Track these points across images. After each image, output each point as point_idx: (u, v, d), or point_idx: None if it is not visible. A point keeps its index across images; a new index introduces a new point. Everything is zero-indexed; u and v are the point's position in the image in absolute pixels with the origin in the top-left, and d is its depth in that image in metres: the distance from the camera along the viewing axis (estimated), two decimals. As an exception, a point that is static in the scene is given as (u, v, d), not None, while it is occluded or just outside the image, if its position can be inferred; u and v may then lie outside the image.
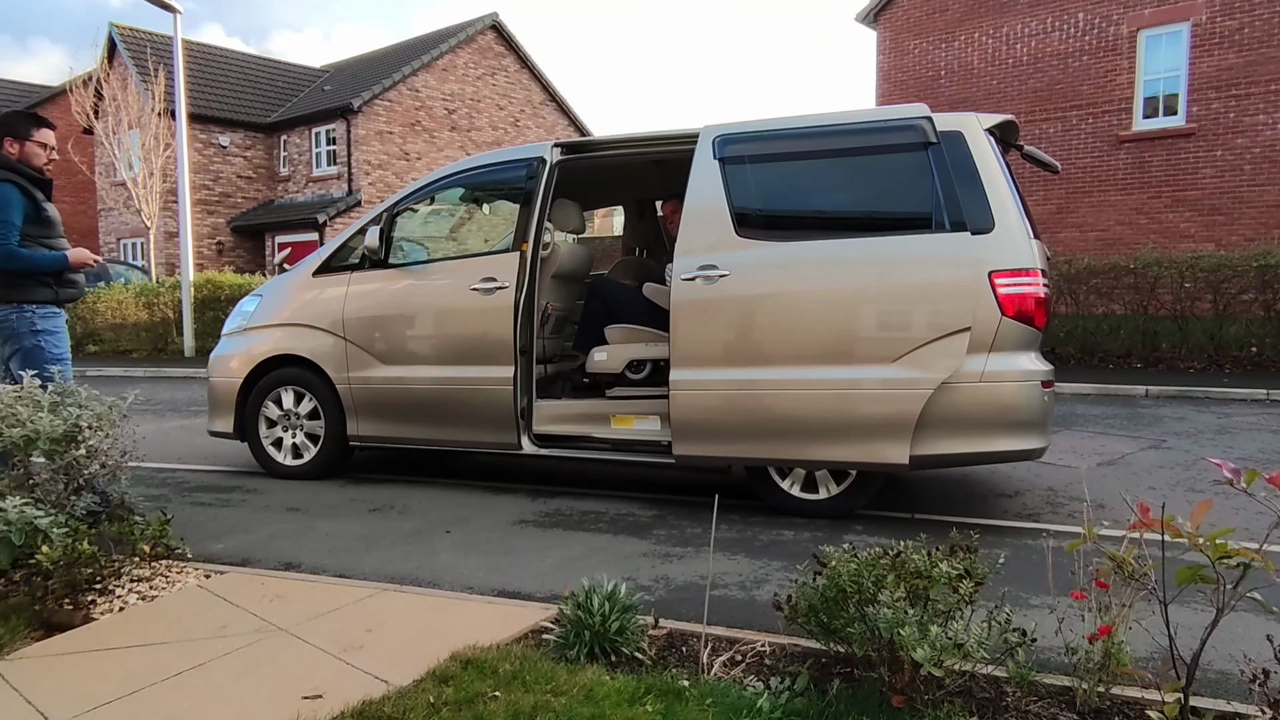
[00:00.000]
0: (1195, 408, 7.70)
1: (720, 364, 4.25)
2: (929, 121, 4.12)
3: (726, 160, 4.41)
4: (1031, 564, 3.38)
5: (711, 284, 4.26)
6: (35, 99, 27.52)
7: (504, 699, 2.24)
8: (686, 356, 4.31)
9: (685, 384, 4.31)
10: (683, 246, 4.38)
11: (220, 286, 14.66)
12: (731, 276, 4.23)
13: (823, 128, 4.37)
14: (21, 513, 2.92)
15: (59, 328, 4.15)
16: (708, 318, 4.28)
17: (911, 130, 4.15)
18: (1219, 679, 2.43)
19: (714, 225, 4.34)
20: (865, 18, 16.50)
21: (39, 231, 4.08)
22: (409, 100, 23.51)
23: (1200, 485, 4.83)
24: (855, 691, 2.25)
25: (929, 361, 3.95)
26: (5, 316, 4.01)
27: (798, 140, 4.40)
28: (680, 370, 4.32)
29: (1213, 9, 12.83)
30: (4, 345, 4.05)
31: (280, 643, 2.72)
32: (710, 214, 4.36)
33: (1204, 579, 1.94)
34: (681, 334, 4.32)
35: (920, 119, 4.16)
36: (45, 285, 4.08)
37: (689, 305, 4.30)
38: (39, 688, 2.43)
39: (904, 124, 4.19)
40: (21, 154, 4.10)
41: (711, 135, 4.49)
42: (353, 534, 4.11)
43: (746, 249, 4.26)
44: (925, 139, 4.11)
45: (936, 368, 3.94)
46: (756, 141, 4.42)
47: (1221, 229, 12.83)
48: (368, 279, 5.14)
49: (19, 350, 4.02)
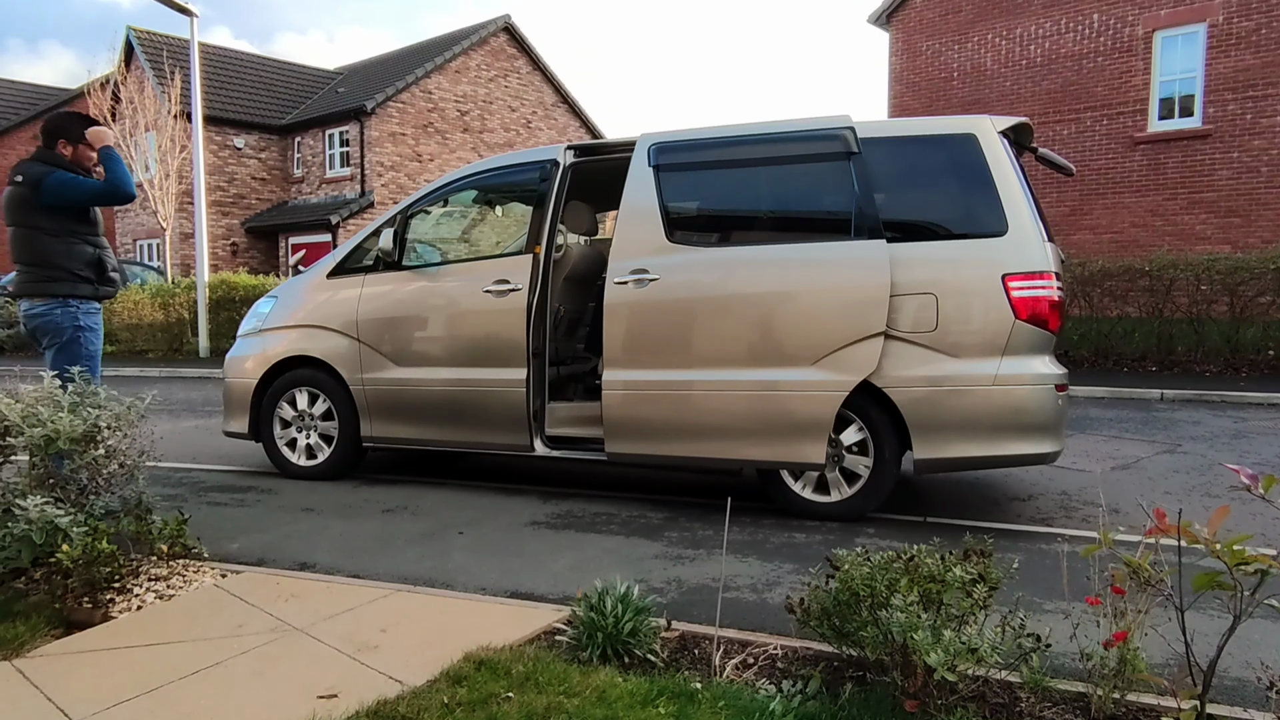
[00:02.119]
0: (1211, 412, 7.64)
1: (649, 365, 4.42)
2: (851, 132, 4.27)
3: (660, 168, 4.57)
4: (1045, 568, 3.37)
5: (642, 287, 4.40)
6: (52, 101, 27.82)
7: (517, 700, 2.25)
8: (617, 357, 4.48)
9: (616, 384, 4.48)
10: (616, 250, 4.54)
11: (235, 287, 14.76)
12: (661, 280, 4.37)
13: (749, 137, 4.51)
14: (42, 512, 2.96)
15: (98, 324, 4.25)
16: (638, 320, 4.44)
17: (835, 140, 4.29)
18: (1235, 686, 2.42)
19: (647, 230, 4.50)
20: (877, 19, 16.46)
21: (85, 229, 4.19)
22: (422, 102, 23.62)
23: (1216, 490, 4.79)
24: (868, 695, 2.24)
25: (847, 363, 4.09)
26: (49, 311, 4.08)
27: (725, 149, 4.56)
28: (611, 371, 4.49)
29: (1229, 10, 12.72)
30: (43, 339, 4.14)
31: (295, 642, 2.74)
32: (643, 219, 4.53)
33: (1221, 585, 1.93)
34: (612, 335, 4.49)
35: (843, 129, 4.30)
36: (87, 281, 4.16)
37: (620, 308, 4.47)
38: (59, 685, 2.46)
39: (828, 133, 4.33)
40: (74, 155, 4.18)
41: (647, 143, 4.65)
42: (366, 534, 4.13)
43: (676, 254, 4.42)
44: (848, 149, 4.24)
45: (853, 369, 4.07)
46: (687, 150, 4.60)
47: (1238, 231, 12.72)
48: (381, 281, 5.17)
49: (58, 344, 4.10)
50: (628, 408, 4.46)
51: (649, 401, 4.42)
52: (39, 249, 4.05)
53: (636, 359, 4.45)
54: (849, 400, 4.16)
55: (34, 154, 4.16)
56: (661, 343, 4.40)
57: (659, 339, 4.41)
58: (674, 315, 4.38)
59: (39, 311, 4.08)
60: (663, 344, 4.40)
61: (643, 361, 4.44)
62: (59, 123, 4.23)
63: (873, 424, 4.15)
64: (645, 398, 4.43)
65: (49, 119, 4.28)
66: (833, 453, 4.24)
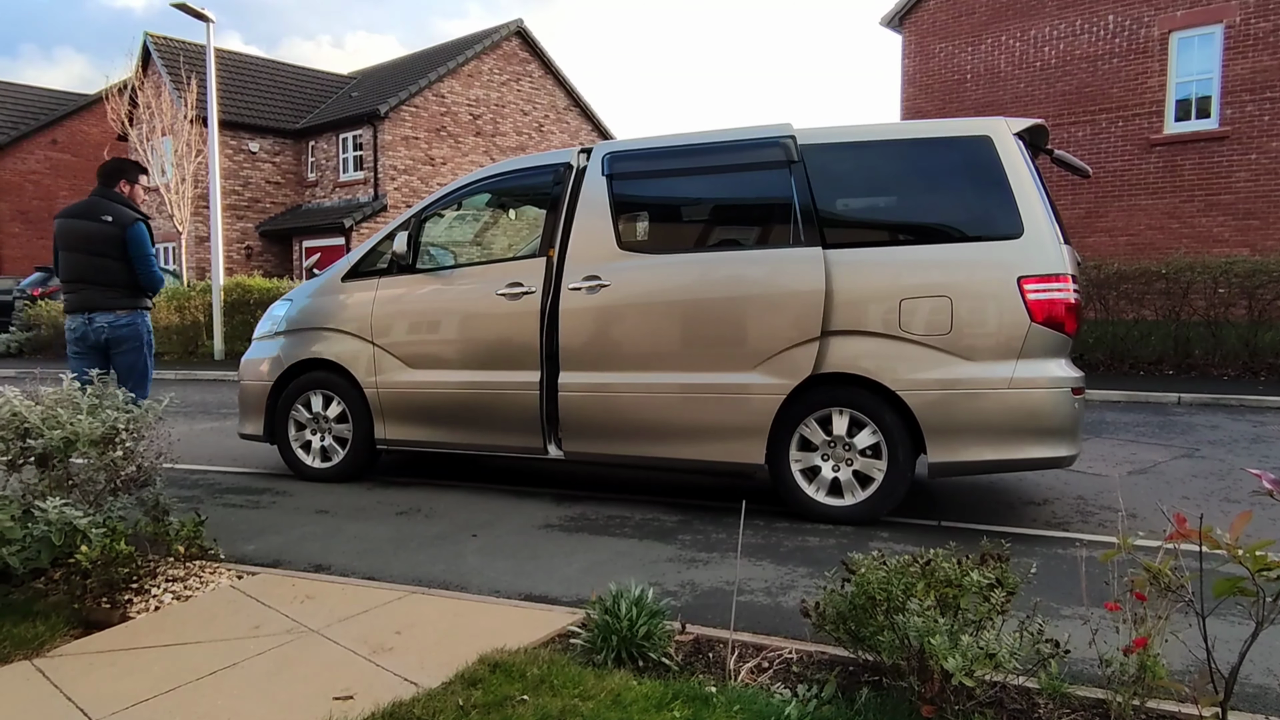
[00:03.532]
0: (1229, 416, 7.57)
1: (601, 368, 4.57)
2: (791, 140, 4.37)
3: (613, 176, 4.70)
4: (1062, 573, 3.34)
5: (594, 294, 4.56)
6: (71, 106, 28.12)
7: (532, 702, 2.25)
8: (571, 360, 4.64)
9: (570, 386, 4.64)
10: (571, 256, 4.69)
11: (249, 290, 14.85)
12: (612, 287, 4.53)
13: (695, 146, 4.65)
14: (61, 513, 2.99)
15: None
16: (590, 326, 4.61)
17: (775, 148, 4.39)
18: (1257, 693, 2.39)
19: (599, 237, 4.65)
20: (890, 21, 16.41)
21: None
22: (435, 106, 23.72)
23: (1236, 495, 4.74)
24: (884, 700, 2.23)
25: (785, 367, 4.20)
26: (132, 321, 4.83)
27: (672, 158, 4.70)
28: (567, 374, 4.65)
29: (1246, 10, 12.61)
30: (120, 345, 4.80)
31: (311, 643, 2.76)
32: (596, 227, 4.67)
33: (1243, 591, 1.91)
34: (567, 340, 4.64)
35: (784, 138, 4.40)
36: (148, 297, 4.98)
37: (574, 313, 4.63)
38: (78, 684, 2.48)
39: (768, 142, 4.43)
40: (130, 194, 4.96)
41: (601, 152, 4.82)
42: (381, 536, 4.15)
43: (626, 260, 4.58)
44: (788, 157, 4.34)
45: (791, 373, 4.19)
46: (636, 159, 4.75)
47: (1256, 234, 12.59)
48: (395, 284, 5.19)
49: (129, 350, 4.83)
50: (583, 409, 4.63)
51: (601, 403, 4.58)
52: (118, 273, 4.77)
53: (590, 362, 4.61)
54: (861, 403, 4.15)
55: (108, 194, 4.86)
56: (613, 347, 4.57)
57: (610, 343, 4.58)
58: (624, 321, 4.55)
59: (125, 322, 4.81)
60: (614, 348, 4.57)
61: (595, 364, 4.60)
62: (118, 166, 4.98)
63: (886, 427, 4.13)
64: (598, 399, 4.59)
65: (108, 163, 4.99)
66: (846, 455, 4.23)
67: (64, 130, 27.83)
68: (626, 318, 4.55)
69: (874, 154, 4.42)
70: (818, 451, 4.28)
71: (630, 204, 4.75)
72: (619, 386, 4.54)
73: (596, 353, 4.59)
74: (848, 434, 4.21)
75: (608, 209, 4.67)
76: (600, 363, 4.58)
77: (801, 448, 4.30)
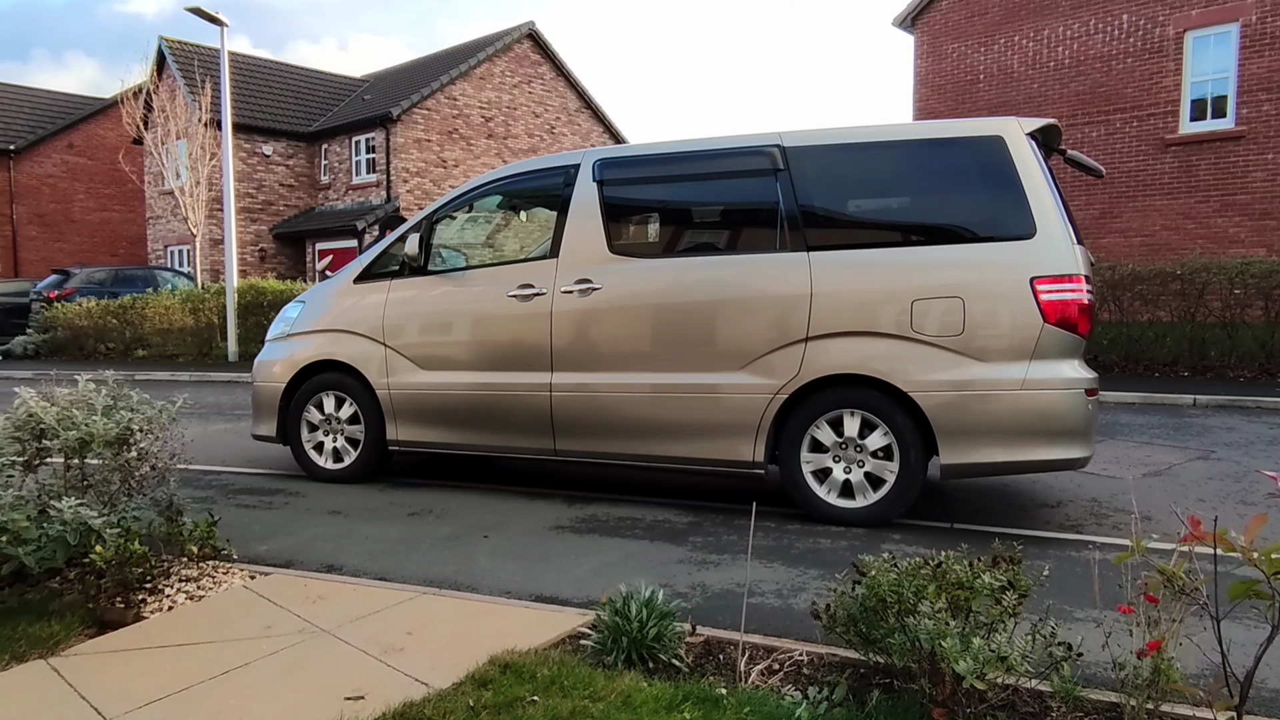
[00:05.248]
0: (1245, 418, 7.49)
1: (593, 369, 4.63)
2: (778, 148, 4.43)
3: (604, 183, 4.76)
4: (1075, 576, 3.32)
5: (586, 296, 4.63)
6: (87, 110, 28.38)
7: (542, 703, 2.25)
8: (563, 362, 4.71)
9: (563, 387, 4.69)
10: (563, 260, 4.76)
11: (263, 292, 14.95)
12: (603, 290, 4.61)
13: (684, 153, 4.71)
14: (76, 513, 3.01)
15: None
16: (582, 328, 4.67)
17: (762, 156, 4.46)
18: (1273, 698, 2.37)
19: (591, 242, 4.72)
20: (902, 22, 16.35)
21: None
22: (447, 109, 23.81)
23: (1252, 498, 4.70)
24: (895, 703, 2.22)
25: (772, 368, 4.26)
26: None
27: (662, 165, 4.77)
28: (559, 374, 4.71)
29: (1263, 9, 12.49)
30: None
31: (323, 644, 2.77)
32: (588, 231, 4.74)
33: (1258, 594, 1.89)
34: (559, 342, 4.71)
35: (770, 146, 4.47)
36: None
37: (566, 315, 4.70)
38: (93, 683, 2.50)
39: (755, 150, 4.51)
40: None
41: (592, 158, 4.87)
42: (392, 537, 4.16)
43: (616, 264, 4.64)
44: (774, 165, 4.41)
45: (778, 374, 4.24)
46: (626, 166, 4.83)
47: (1273, 234, 12.46)
48: (407, 286, 5.22)
49: None
50: (575, 409, 4.68)
51: (594, 403, 4.64)
52: None
53: (581, 364, 4.68)
54: (872, 404, 4.13)
55: None
56: (604, 348, 4.64)
57: (602, 345, 4.65)
58: (615, 323, 4.63)
59: None
60: (605, 350, 4.64)
61: (587, 366, 4.67)
62: None
63: (898, 428, 4.11)
64: (590, 399, 4.64)
65: None
66: (857, 457, 4.22)
67: (80, 134, 28.09)
68: (618, 320, 4.64)
69: (884, 155, 4.40)
70: (829, 453, 4.27)
71: (620, 209, 4.84)
72: (612, 387, 4.60)
73: (588, 355, 4.66)
74: (859, 435, 4.19)
75: (598, 214, 4.73)
76: (592, 364, 4.66)
77: (813, 449, 4.29)
